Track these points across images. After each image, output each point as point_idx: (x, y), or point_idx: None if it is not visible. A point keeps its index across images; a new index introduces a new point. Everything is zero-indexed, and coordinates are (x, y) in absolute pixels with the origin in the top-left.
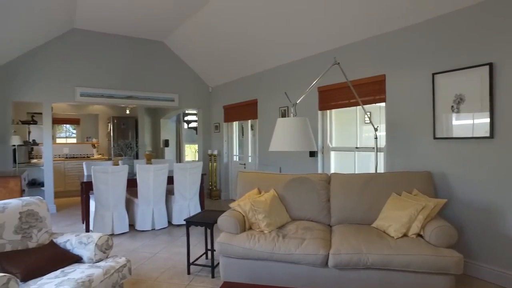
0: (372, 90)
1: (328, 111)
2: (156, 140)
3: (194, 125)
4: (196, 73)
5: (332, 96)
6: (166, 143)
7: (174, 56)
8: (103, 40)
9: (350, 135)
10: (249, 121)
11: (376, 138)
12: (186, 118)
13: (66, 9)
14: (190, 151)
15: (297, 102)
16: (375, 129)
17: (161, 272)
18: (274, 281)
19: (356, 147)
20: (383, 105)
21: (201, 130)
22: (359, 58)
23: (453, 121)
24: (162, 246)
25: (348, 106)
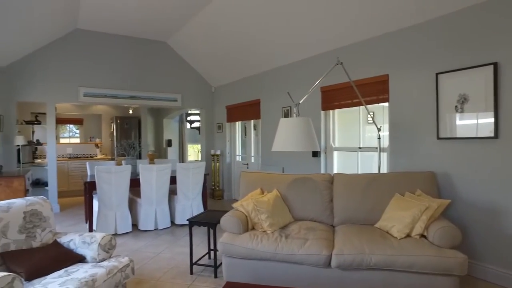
0: (375, 90)
1: (331, 111)
2: (159, 140)
3: (197, 125)
4: (199, 73)
5: (335, 96)
6: (169, 143)
7: (177, 56)
8: (106, 41)
9: (353, 135)
10: (252, 121)
11: (379, 138)
12: (189, 118)
13: (70, 10)
14: (193, 151)
15: (300, 102)
16: (378, 129)
17: (164, 272)
18: (277, 281)
19: (359, 147)
20: (386, 105)
21: (204, 130)
22: (362, 58)
23: (457, 121)
24: (165, 246)
25: (351, 106)
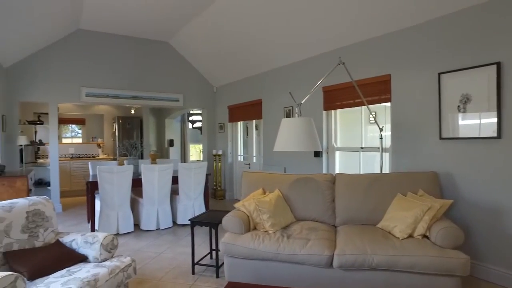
0: (377, 90)
1: (333, 111)
2: (161, 140)
3: (199, 125)
4: (201, 73)
5: (337, 96)
6: (171, 143)
7: (179, 56)
8: (108, 41)
9: (355, 135)
10: (254, 121)
11: (381, 138)
12: (191, 118)
13: (72, 11)
14: (195, 151)
15: (302, 102)
16: (380, 129)
17: (166, 272)
18: (279, 282)
19: (361, 147)
20: (388, 105)
21: (206, 130)
22: (364, 58)
23: (460, 121)
24: (167, 246)
25: (353, 106)
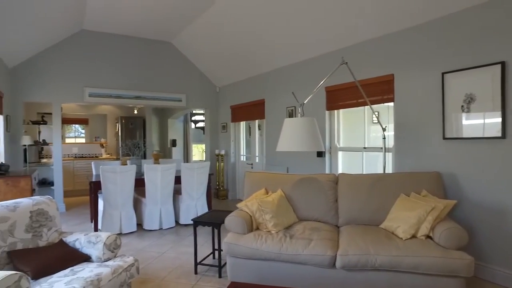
0: (380, 90)
1: (336, 111)
2: (164, 140)
3: (202, 125)
4: (204, 73)
5: (340, 96)
6: (174, 143)
7: (182, 57)
8: (111, 41)
9: (358, 135)
10: (256, 121)
11: (384, 138)
12: (194, 118)
13: (76, 11)
14: (198, 151)
15: (305, 102)
16: (383, 129)
17: (169, 272)
18: (281, 282)
19: (364, 147)
20: (392, 105)
21: (209, 130)
22: (367, 58)
23: (463, 121)
24: (170, 246)
25: (356, 106)
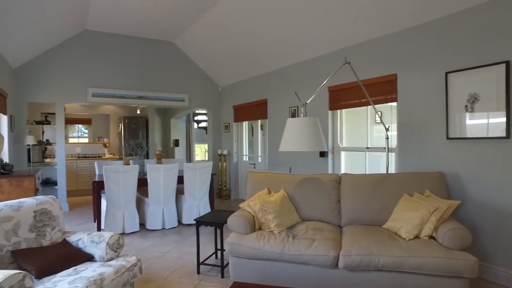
0: (383, 90)
1: (339, 111)
2: (166, 140)
3: (204, 125)
4: (206, 73)
5: (343, 96)
6: (176, 143)
7: (184, 56)
8: (114, 41)
9: (361, 135)
10: (259, 121)
11: (387, 138)
12: (196, 118)
13: (79, 12)
14: (200, 151)
15: (307, 102)
16: (386, 129)
17: (171, 272)
18: (284, 282)
19: (367, 147)
20: (395, 105)
21: (211, 130)
22: (370, 58)
23: (467, 121)
24: (172, 246)
25: (359, 106)
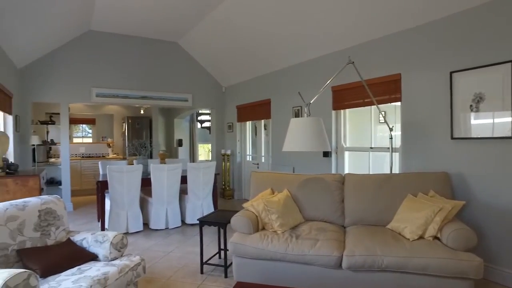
0: (387, 89)
1: (342, 111)
2: (170, 140)
3: (208, 125)
4: (210, 73)
5: (346, 96)
6: (180, 143)
7: (188, 57)
8: (118, 42)
9: (365, 135)
10: (262, 121)
11: (391, 138)
12: (200, 118)
13: (84, 12)
14: (204, 151)
15: (311, 102)
16: (390, 129)
17: (175, 271)
18: (287, 282)
19: (371, 147)
20: (399, 105)
21: (215, 130)
22: (374, 57)
23: (472, 121)
24: (176, 245)
25: (363, 106)
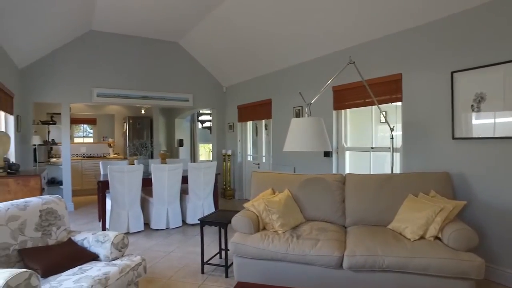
0: (388, 89)
1: (343, 111)
2: (171, 140)
3: (208, 125)
4: (210, 73)
5: (347, 96)
6: (181, 143)
7: (189, 57)
8: (119, 42)
9: (365, 135)
10: (263, 121)
11: (392, 138)
12: (200, 118)
13: (85, 12)
14: (204, 151)
15: (312, 102)
16: (391, 129)
17: (175, 271)
18: (288, 282)
19: (372, 147)
20: (399, 104)
21: (215, 130)
22: (375, 57)
23: (473, 121)
24: (176, 245)
25: (364, 106)
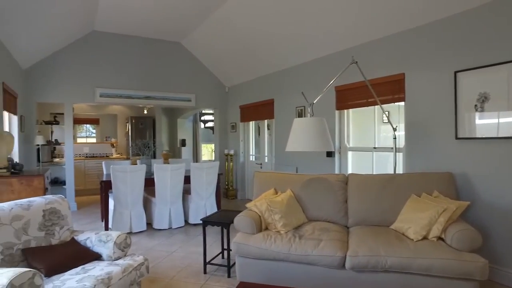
0: (391, 89)
1: (346, 111)
2: (173, 140)
3: (211, 125)
4: (213, 73)
5: (350, 96)
6: (183, 143)
7: (191, 57)
8: (122, 42)
9: (368, 135)
10: (266, 121)
11: (395, 138)
12: (203, 118)
13: (87, 12)
14: (207, 151)
15: (314, 102)
16: (394, 129)
17: (178, 271)
18: (290, 282)
19: (374, 147)
20: (402, 104)
21: (218, 130)
22: (377, 57)
23: (477, 121)
24: (179, 245)
25: (366, 106)
